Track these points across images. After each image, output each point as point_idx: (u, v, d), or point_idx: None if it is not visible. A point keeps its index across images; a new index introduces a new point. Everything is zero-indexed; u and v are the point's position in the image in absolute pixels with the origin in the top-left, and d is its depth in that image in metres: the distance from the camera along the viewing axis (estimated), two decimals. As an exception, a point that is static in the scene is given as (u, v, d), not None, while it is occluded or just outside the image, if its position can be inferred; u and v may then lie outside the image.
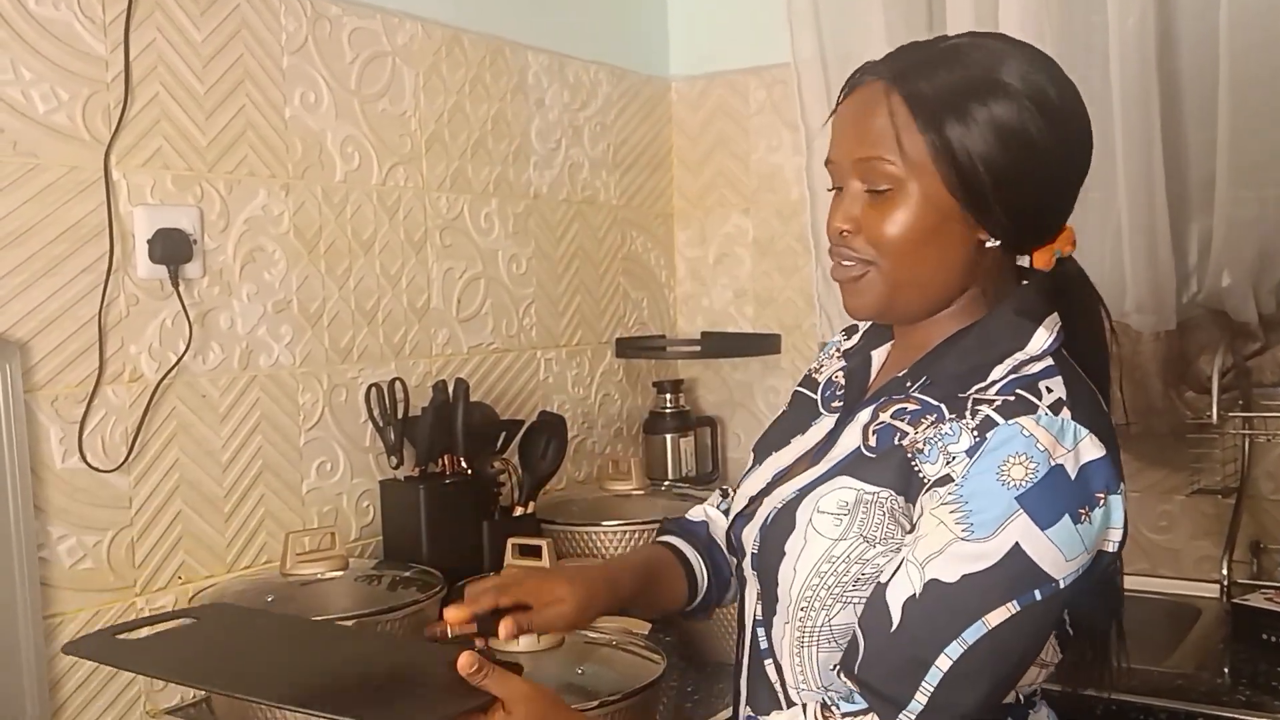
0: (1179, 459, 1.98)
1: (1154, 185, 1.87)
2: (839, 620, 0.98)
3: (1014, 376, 0.97)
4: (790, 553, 1.01)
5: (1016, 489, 0.90)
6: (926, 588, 0.90)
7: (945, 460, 0.93)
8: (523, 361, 2.17)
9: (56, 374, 1.46)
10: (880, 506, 0.97)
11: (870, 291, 1.02)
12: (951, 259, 1.00)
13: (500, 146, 2.11)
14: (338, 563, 1.63)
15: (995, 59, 0.98)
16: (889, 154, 0.98)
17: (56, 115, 1.46)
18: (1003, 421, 0.92)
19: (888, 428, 1.00)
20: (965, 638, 0.89)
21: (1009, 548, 0.89)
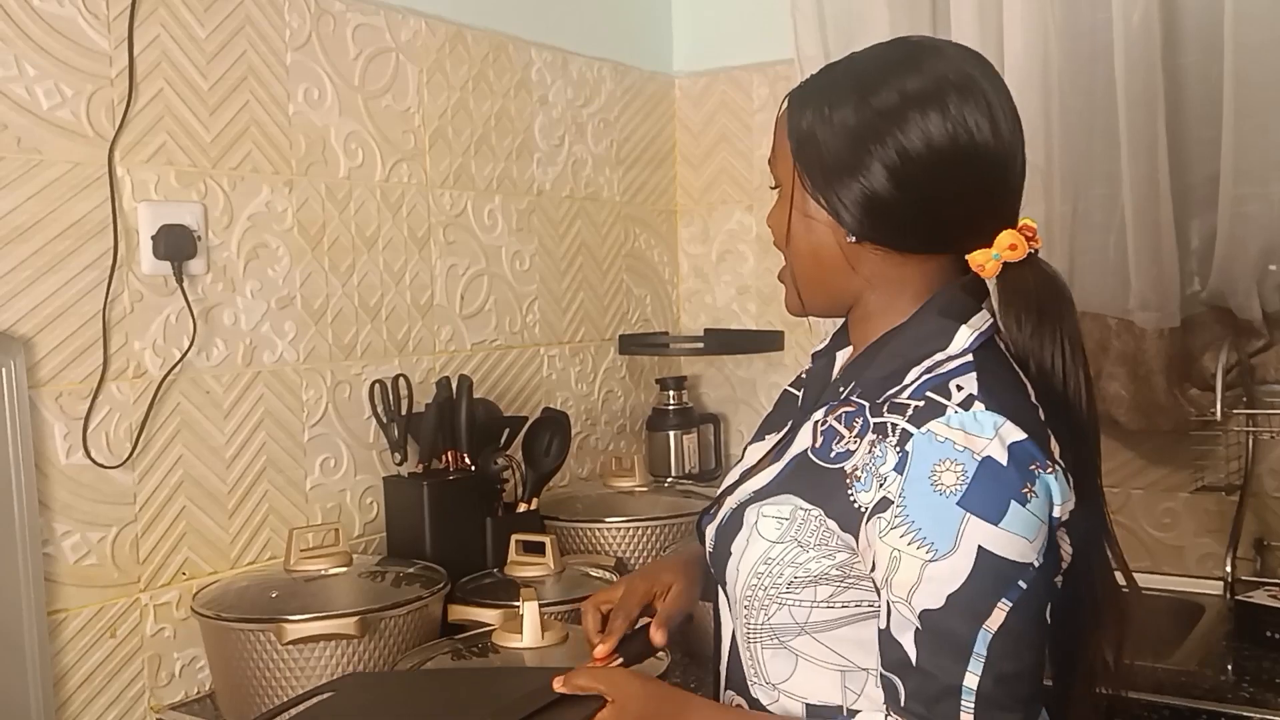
0: (1182, 456, 1.97)
1: (1158, 182, 1.87)
2: (776, 620, 1.01)
3: (926, 378, 0.98)
4: (735, 552, 1.04)
5: (955, 494, 0.90)
6: (922, 619, 0.91)
7: (879, 483, 0.95)
8: (526, 358, 2.17)
9: (61, 370, 1.46)
10: (813, 517, 0.99)
11: (787, 290, 1.10)
12: (824, 254, 1.04)
13: (504, 143, 2.11)
14: (341, 559, 1.63)
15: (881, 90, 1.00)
16: (770, 156, 1.08)
17: (60, 111, 1.46)
18: (916, 431, 0.94)
19: (830, 429, 1.03)
20: (978, 652, 0.90)
21: (974, 554, 0.90)
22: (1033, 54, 1.94)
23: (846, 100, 1.01)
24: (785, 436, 1.11)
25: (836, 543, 0.98)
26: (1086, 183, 1.97)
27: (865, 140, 0.99)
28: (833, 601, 0.99)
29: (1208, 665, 1.64)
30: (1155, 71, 1.85)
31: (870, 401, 1.00)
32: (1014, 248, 0.99)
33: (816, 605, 0.99)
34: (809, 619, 1.00)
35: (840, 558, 0.98)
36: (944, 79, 0.99)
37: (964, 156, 0.98)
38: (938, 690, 0.91)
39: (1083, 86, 1.95)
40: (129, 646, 1.53)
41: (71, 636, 1.47)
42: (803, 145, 1.03)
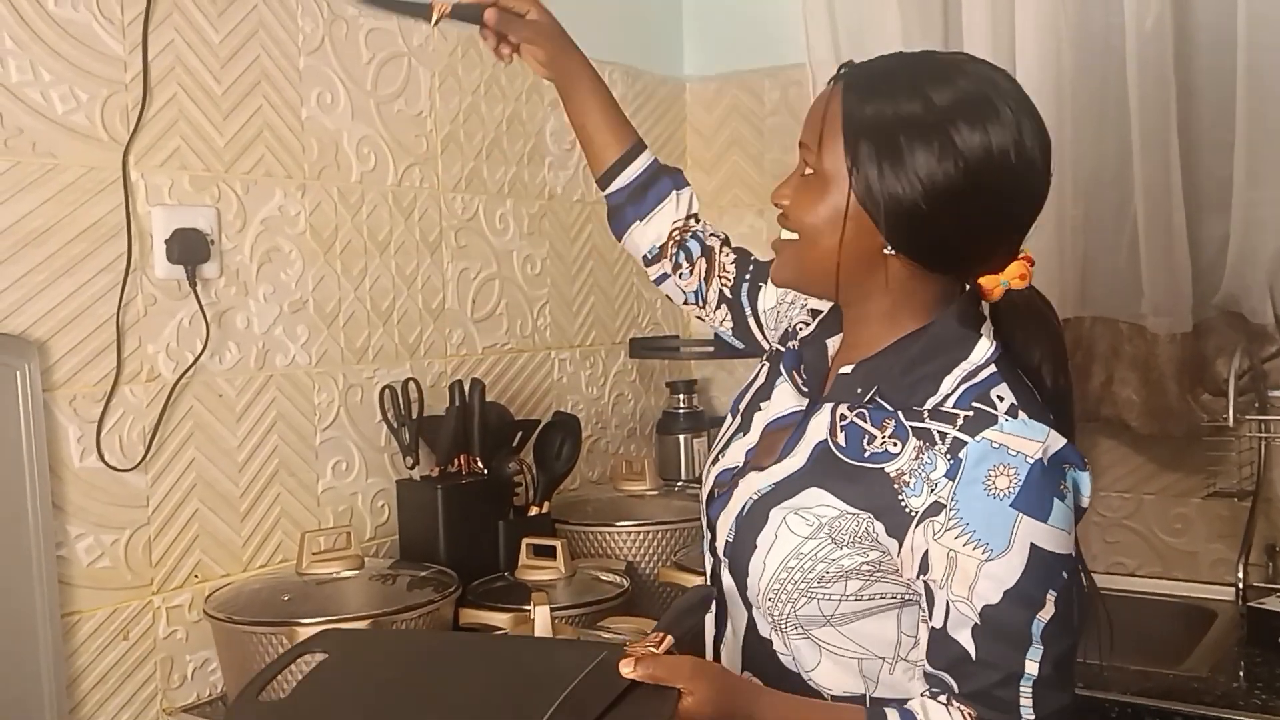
0: (1194, 461, 1.97)
1: (1171, 186, 1.87)
2: (804, 612, 1.04)
3: (965, 387, 1.02)
4: (761, 546, 1.06)
5: (1008, 497, 0.96)
6: (982, 615, 0.97)
7: (929, 489, 0.98)
8: (537, 362, 2.17)
9: (75, 373, 1.47)
10: (856, 522, 1.01)
11: (784, 263, 1.10)
12: (852, 256, 1.04)
13: (515, 147, 2.11)
14: (353, 562, 1.63)
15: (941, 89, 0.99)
16: (811, 142, 1.05)
17: (75, 116, 1.47)
18: (970, 439, 0.98)
19: (854, 426, 1.05)
20: (1036, 640, 0.96)
21: (1028, 551, 0.96)
22: (1045, 58, 1.94)
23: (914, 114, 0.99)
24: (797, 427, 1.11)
25: (875, 544, 1.01)
26: (1098, 187, 1.97)
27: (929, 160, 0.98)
28: (860, 595, 1.03)
29: (1219, 672, 1.63)
30: (1167, 75, 1.85)
31: (903, 406, 1.03)
32: (1023, 277, 1.04)
33: (845, 599, 1.03)
34: (836, 611, 1.03)
35: (873, 556, 1.01)
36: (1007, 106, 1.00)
37: (1014, 188, 1.01)
38: (999, 679, 0.97)
39: (1095, 90, 1.95)
40: (142, 649, 1.54)
41: (85, 639, 1.48)
42: (861, 146, 1.01)
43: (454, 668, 1.04)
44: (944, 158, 0.98)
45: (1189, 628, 1.87)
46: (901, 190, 0.99)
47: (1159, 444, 2.03)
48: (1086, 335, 1.99)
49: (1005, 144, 0.99)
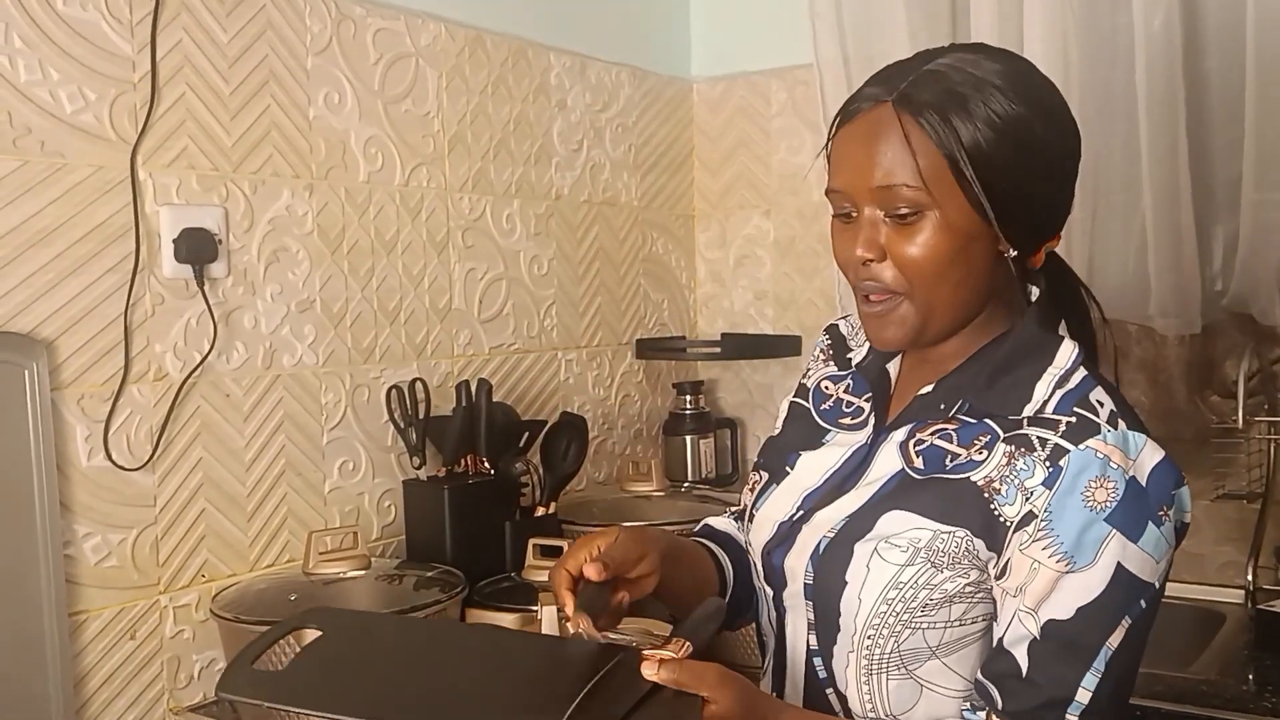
0: (1203, 463, 1.96)
1: (1179, 187, 1.86)
2: (908, 646, 0.99)
3: (1062, 394, 0.98)
4: (853, 581, 1.00)
5: (1104, 511, 0.92)
6: (1044, 630, 0.93)
7: (1024, 497, 0.94)
8: (543, 362, 2.17)
9: (82, 373, 1.47)
10: (956, 538, 0.97)
11: (904, 323, 1.01)
12: (977, 276, 1.00)
13: (522, 147, 2.11)
14: (360, 562, 1.63)
15: (981, 68, 0.98)
16: (911, 179, 0.96)
17: (83, 115, 1.47)
18: (1074, 448, 0.94)
19: (934, 448, 1.01)
20: (1096, 667, 0.92)
21: (1112, 570, 0.92)
22: (1053, 58, 1.93)
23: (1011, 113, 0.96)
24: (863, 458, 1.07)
25: (975, 561, 0.97)
26: (1106, 188, 1.96)
27: (1040, 151, 0.97)
28: (964, 619, 0.98)
29: (1228, 675, 1.63)
30: (1176, 75, 1.84)
31: (997, 416, 0.99)
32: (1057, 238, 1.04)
33: (950, 625, 0.98)
34: (942, 640, 0.99)
35: (974, 575, 0.97)
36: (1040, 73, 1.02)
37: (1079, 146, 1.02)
38: (1044, 701, 0.92)
39: (1103, 91, 1.94)
40: (149, 648, 1.54)
41: (92, 638, 1.48)
42: (969, 167, 0.95)
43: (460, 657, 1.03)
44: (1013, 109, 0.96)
45: (1198, 631, 1.86)
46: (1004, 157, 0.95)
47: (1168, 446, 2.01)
48: (1094, 336, 1.99)
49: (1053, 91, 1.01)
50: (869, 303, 1.02)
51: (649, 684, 0.90)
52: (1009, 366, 1.00)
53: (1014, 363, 1.01)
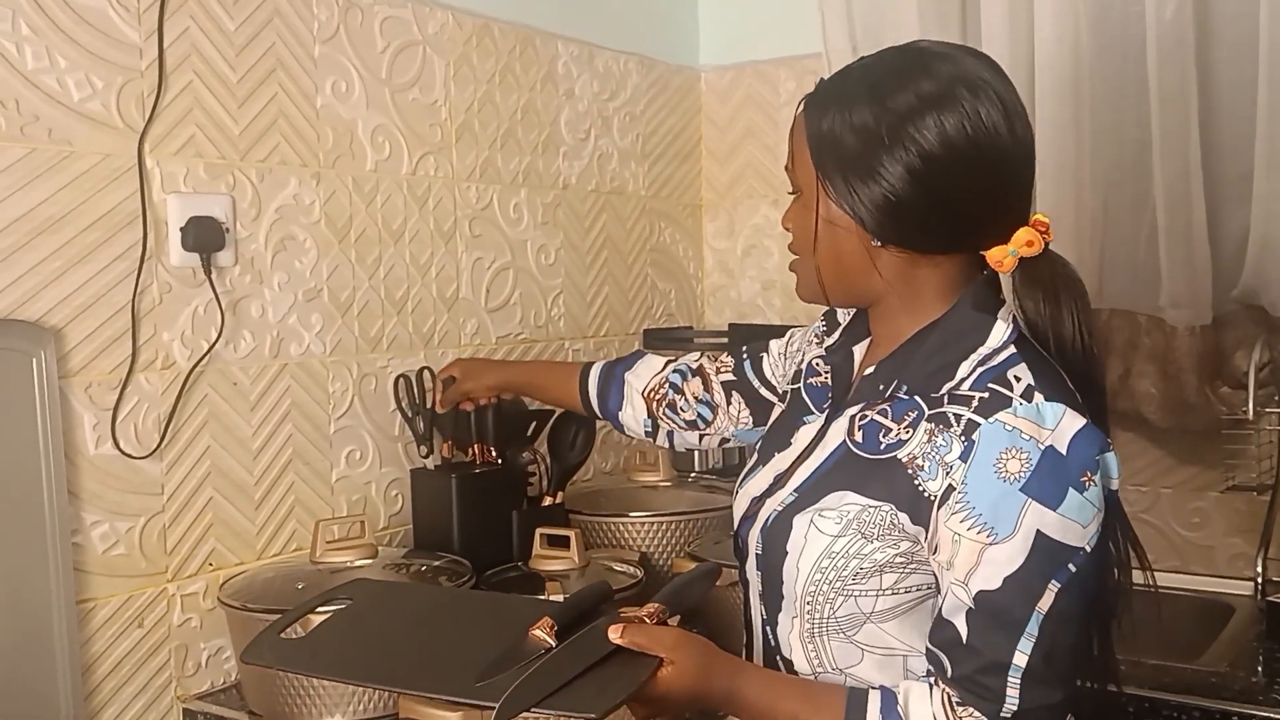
0: (1213, 455, 1.95)
1: (1191, 178, 1.85)
2: (842, 612, 1.05)
3: (982, 370, 1.03)
4: (792, 551, 1.07)
5: (1018, 481, 0.95)
6: (977, 600, 0.97)
7: (944, 472, 0.99)
8: (550, 352, 2.16)
9: (90, 361, 1.47)
10: (883, 512, 1.03)
11: (801, 280, 1.14)
12: (848, 257, 1.08)
13: (530, 136, 2.11)
14: (367, 551, 1.63)
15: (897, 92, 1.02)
16: (789, 162, 1.11)
17: (91, 103, 1.47)
18: (984, 421, 0.98)
19: (872, 423, 1.07)
20: (1029, 632, 0.96)
21: (1033, 537, 0.95)
22: (1063, 49, 1.92)
23: (864, 105, 1.03)
24: (816, 436, 1.13)
25: (902, 534, 1.02)
26: (1117, 179, 1.95)
27: (885, 144, 1.01)
28: (897, 588, 1.03)
29: (1238, 667, 1.62)
30: (1188, 66, 1.83)
31: (923, 394, 1.04)
32: (1030, 244, 1.04)
33: (882, 593, 1.03)
34: (875, 608, 1.04)
35: (904, 546, 1.02)
36: (956, 80, 1.02)
37: (982, 155, 1.01)
38: (986, 665, 0.97)
39: (1114, 82, 1.93)
40: (156, 636, 1.54)
41: (99, 626, 1.48)
42: (823, 151, 1.05)
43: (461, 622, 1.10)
44: (905, 154, 1.01)
45: (1207, 622, 1.85)
46: (869, 189, 1.03)
47: (1177, 438, 2.02)
48: (1104, 328, 1.98)
49: (963, 127, 1.00)
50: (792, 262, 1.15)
51: (612, 646, 0.98)
52: (940, 348, 1.06)
53: (944, 343, 1.06)
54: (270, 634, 1.12)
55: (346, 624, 1.13)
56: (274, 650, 1.10)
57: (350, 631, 1.11)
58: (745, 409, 1.41)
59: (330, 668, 1.08)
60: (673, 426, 1.51)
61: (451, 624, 1.10)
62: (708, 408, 1.46)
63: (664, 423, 1.52)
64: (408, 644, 1.07)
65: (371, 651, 1.08)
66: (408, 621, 1.13)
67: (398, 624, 1.13)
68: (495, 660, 0.98)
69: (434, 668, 1.01)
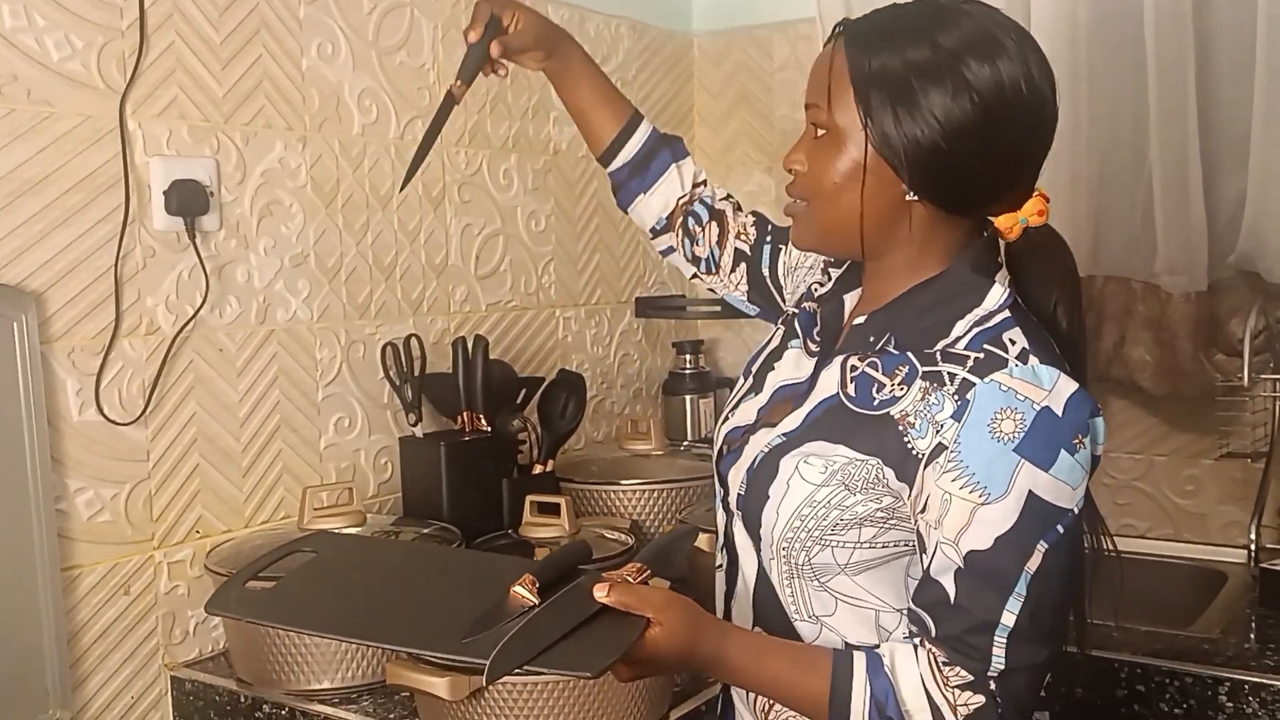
0: (1207, 422, 1.95)
1: (1188, 143, 1.83)
2: (818, 560, 1.04)
3: (977, 331, 1.02)
4: (774, 496, 1.06)
5: (1012, 441, 0.95)
6: (967, 560, 0.96)
7: (934, 430, 0.98)
8: (541, 320, 2.15)
9: (73, 325, 1.45)
10: (869, 466, 1.01)
11: (805, 227, 1.09)
12: (875, 209, 1.03)
13: (519, 101, 2.08)
14: (355, 518, 1.62)
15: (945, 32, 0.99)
16: (822, 102, 1.04)
17: (70, 63, 1.44)
18: (979, 381, 0.97)
19: (864, 376, 1.05)
20: (1018, 591, 0.96)
21: (1024, 498, 0.95)
22: (1060, 10, 1.90)
23: (918, 43, 0.99)
24: (807, 382, 1.11)
25: (886, 489, 1.01)
26: (1114, 144, 1.93)
27: (942, 84, 0.98)
28: (874, 542, 1.02)
29: (1230, 633, 1.62)
30: (1186, 29, 1.81)
31: (915, 350, 1.03)
32: (1041, 213, 1.03)
33: (859, 546, 1.03)
34: (850, 559, 1.03)
35: (886, 502, 1.01)
36: (1006, 29, 1.01)
37: (1029, 110, 1.01)
38: (974, 625, 0.96)
39: (1111, 45, 1.91)
40: (143, 604, 1.53)
41: (85, 593, 1.47)
42: (871, 89, 1.00)
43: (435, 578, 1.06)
44: (958, 95, 0.97)
45: (1200, 590, 1.85)
46: (920, 133, 0.98)
47: (1171, 405, 2.01)
48: (1099, 295, 1.97)
49: (1015, 77, 0.99)
50: (789, 203, 1.10)
51: (598, 605, 0.95)
52: (935, 305, 1.04)
53: (940, 302, 1.04)
54: (235, 584, 1.06)
55: (316, 576, 1.07)
56: (241, 602, 1.05)
57: (320, 584, 1.06)
58: (745, 283, 1.34)
59: (303, 620, 1.04)
60: (679, 248, 1.39)
61: (425, 580, 1.06)
62: (713, 262, 1.37)
63: (675, 237, 1.38)
64: (382, 599, 1.03)
65: (344, 605, 1.04)
66: (378, 576, 1.09)
67: (368, 579, 1.08)
68: (478, 618, 0.95)
69: (414, 624, 0.98)
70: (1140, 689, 1.51)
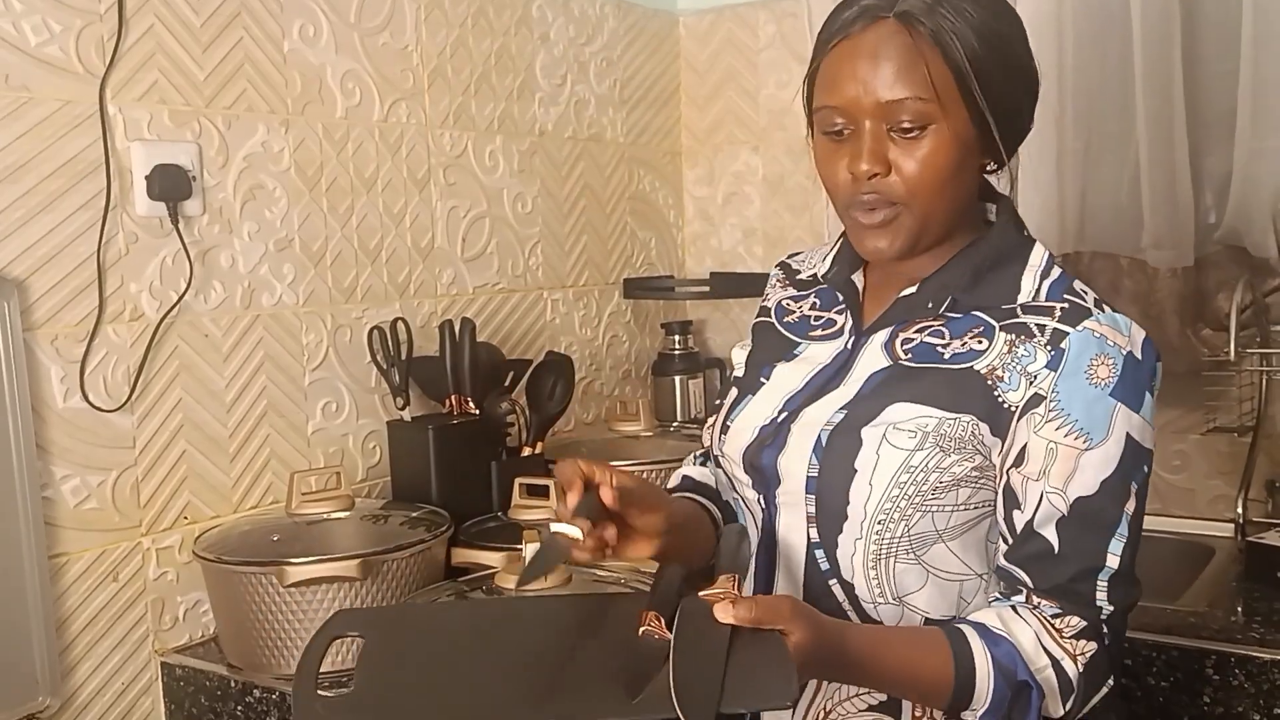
0: (1194, 397, 1.94)
1: (1174, 117, 1.83)
2: (917, 530, 1.03)
3: (1049, 284, 1.05)
4: (863, 469, 1.02)
5: (1108, 386, 0.98)
6: (1073, 507, 0.98)
7: (1028, 381, 1.00)
8: (529, 302, 2.14)
9: (56, 312, 1.44)
10: (960, 427, 1.01)
11: (901, 234, 1.04)
12: (968, 190, 1.06)
13: (504, 82, 2.07)
14: (344, 503, 1.62)
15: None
16: (922, 92, 0.99)
17: (49, 48, 1.43)
18: (1072, 329, 1.00)
19: (924, 345, 1.05)
20: (1120, 533, 0.99)
21: (1124, 440, 0.99)
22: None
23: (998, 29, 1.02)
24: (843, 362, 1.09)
25: (981, 446, 1.01)
26: (1100, 118, 1.93)
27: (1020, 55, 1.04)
28: (969, 503, 1.03)
29: (1217, 606, 1.62)
30: (1172, 2, 1.80)
31: (985, 309, 1.05)
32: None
33: (957, 509, 1.03)
34: (948, 524, 1.03)
35: (978, 460, 1.01)
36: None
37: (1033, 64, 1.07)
38: (1080, 572, 0.99)
39: (1097, 18, 1.90)
40: (132, 590, 1.53)
41: (73, 580, 1.46)
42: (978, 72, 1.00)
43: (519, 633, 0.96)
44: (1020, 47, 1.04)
45: (1187, 564, 1.86)
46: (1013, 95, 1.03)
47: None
48: (1085, 270, 1.96)
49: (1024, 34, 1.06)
50: (870, 214, 1.04)
51: (726, 627, 0.89)
52: (992, 265, 1.07)
53: (996, 261, 1.07)
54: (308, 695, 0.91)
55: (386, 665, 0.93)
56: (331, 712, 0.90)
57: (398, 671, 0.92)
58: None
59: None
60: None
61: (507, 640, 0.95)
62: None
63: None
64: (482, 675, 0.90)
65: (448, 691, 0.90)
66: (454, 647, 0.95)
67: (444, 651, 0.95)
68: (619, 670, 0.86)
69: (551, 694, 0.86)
70: (1128, 662, 1.51)
